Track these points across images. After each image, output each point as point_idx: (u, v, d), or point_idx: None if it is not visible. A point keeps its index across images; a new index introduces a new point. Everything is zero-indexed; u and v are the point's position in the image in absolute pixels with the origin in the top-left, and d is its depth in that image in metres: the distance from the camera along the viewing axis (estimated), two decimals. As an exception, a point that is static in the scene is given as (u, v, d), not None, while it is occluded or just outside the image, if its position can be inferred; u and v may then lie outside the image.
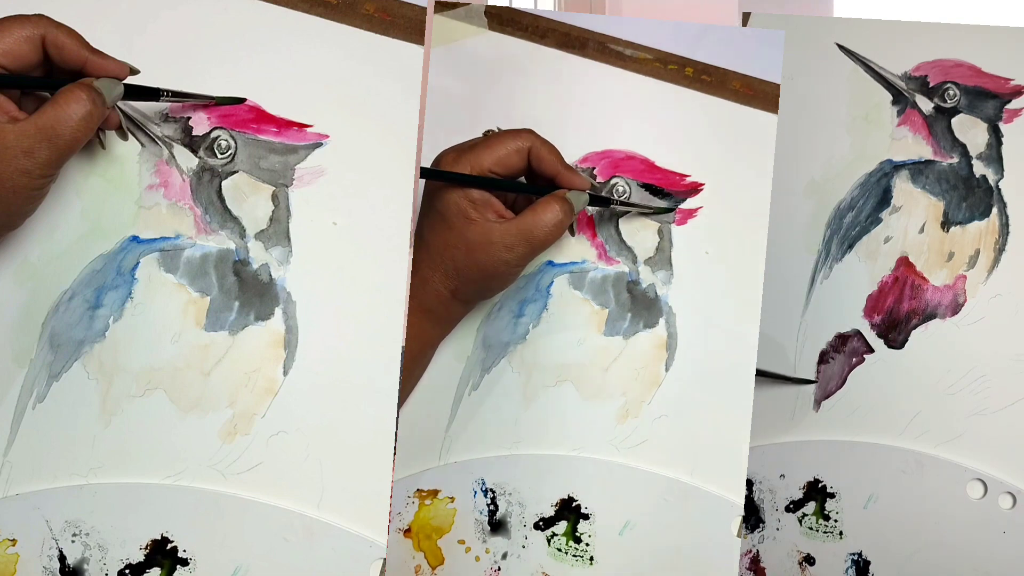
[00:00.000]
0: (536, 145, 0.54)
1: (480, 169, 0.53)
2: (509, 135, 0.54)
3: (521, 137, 0.54)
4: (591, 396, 0.58)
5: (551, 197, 0.53)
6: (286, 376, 0.51)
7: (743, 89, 0.59)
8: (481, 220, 0.52)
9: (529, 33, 0.59)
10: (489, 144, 0.53)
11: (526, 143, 0.53)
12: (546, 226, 0.53)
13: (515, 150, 0.53)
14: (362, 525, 0.51)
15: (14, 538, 0.48)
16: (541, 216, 0.53)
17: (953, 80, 0.66)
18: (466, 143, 0.54)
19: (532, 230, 0.53)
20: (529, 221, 0.53)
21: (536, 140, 0.54)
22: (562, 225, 0.53)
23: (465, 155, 0.53)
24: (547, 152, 0.54)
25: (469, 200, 0.53)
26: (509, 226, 0.52)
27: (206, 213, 0.50)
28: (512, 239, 0.52)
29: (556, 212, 0.53)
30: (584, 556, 0.58)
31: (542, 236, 0.53)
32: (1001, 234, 0.65)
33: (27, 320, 0.49)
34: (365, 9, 0.52)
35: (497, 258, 0.52)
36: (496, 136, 0.54)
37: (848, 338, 0.67)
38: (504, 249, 0.52)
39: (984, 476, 0.64)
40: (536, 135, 0.54)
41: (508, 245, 0.52)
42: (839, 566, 0.67)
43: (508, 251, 0.52)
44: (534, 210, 0.53)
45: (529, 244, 0.53)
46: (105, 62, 0.46)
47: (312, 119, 0.51)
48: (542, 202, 0.53)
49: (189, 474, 0.50)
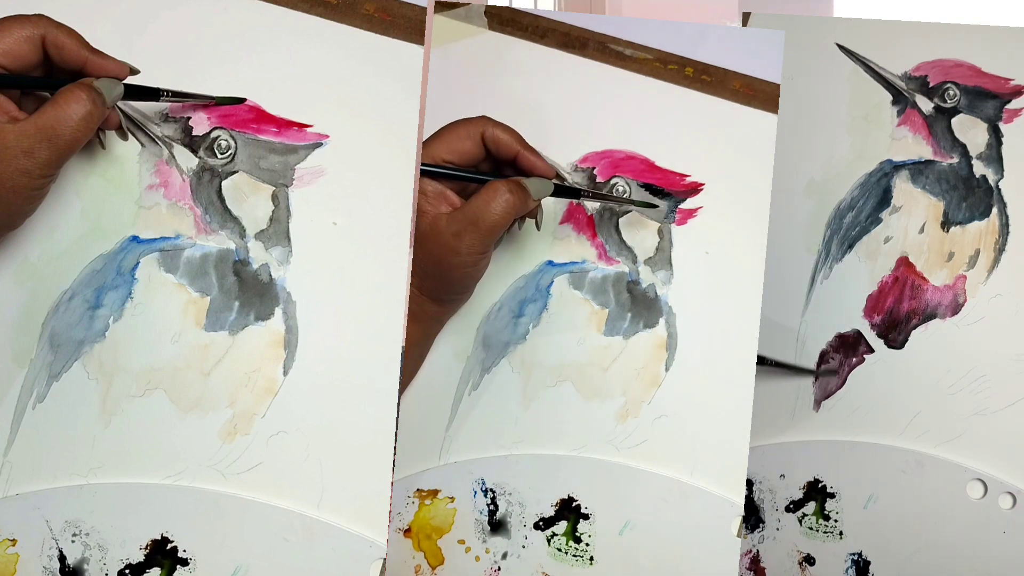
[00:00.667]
0: (490, 128, 0.52)
1: (434, 159, 0.52)
2: (461, 123, 0.52)
3: (473, 123, 0.52)
4: (591, 396, 0.58)
5: (499, 180, 0.51)
6: (286, 376, 0.51)
7: (743, 89, 0.59)
8: (432, 211, 0.51)
9: (529, 33, 0.59)
10: (440, 134, 0.52)
11: (478, 128, 0.52)
12: (492, 209, 0.50)
13: (467, 136, 0.52)
14: (362, 525, 0.51)
15: (14, 538, 0.48)
16: (486, 198, 0.51)
17: (953, 80, 0.66)
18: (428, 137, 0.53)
19: (478, 214, 0.50)
20: (475, 205, 0.51)
21: (489, 124, 0.52)
22: (511, 206, 0.51)
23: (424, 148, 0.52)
24: (503, 133, 0.52)
25: (422, 193, 0.51)
26: (456, 213, 0.51)
27: (206, 213, 0.50)
28: (458, 225, 0.51)
29: (503, 193, 0.51)
30: (584, 556, 0.58)
31: (490, 220, 0.50)
32: (1001, 234, 0.65)
33: (27, 320, 0.49)
34: (365, 9, 0.52)
35: (447, 246, 0.51)
36: (448, 125, 0.53)
37: (848, 338, 0.67)
38: (452, 237, 0.51)
39: (984, 476, 0.64)
40: (490, 119, 0.52)
41: (455, 232, 0.50)
42: (839, 566, 0.67)
43: (456, 239, 0.51)
44: (479, 195, 0.51)
45: (477, 228, 0.50)
46: (105, 62, 0.46)
47: (312, 119, 0.51)
48: (489, 185, 0.51)
49: (189, 474, 0.50)
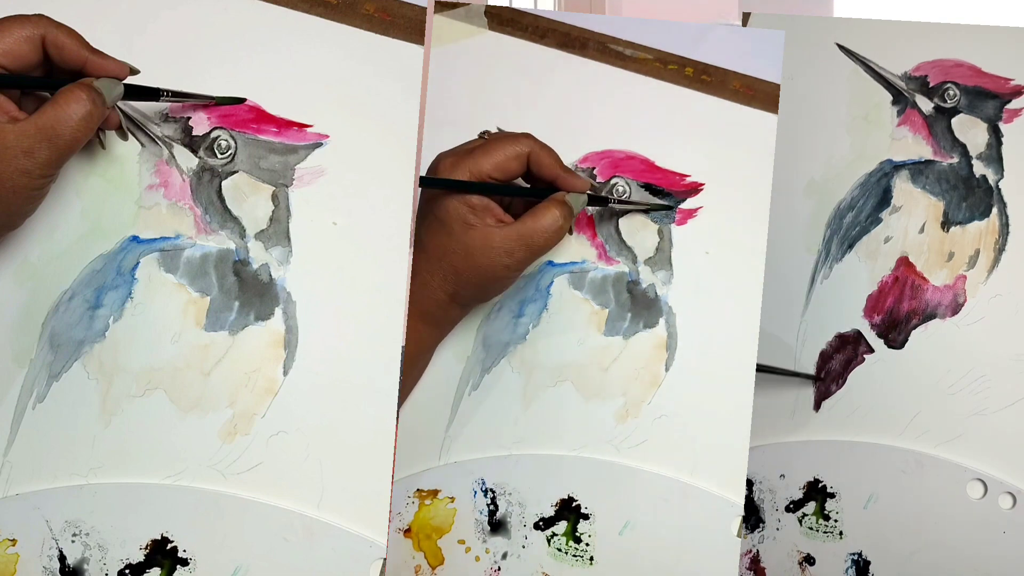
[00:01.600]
0: (535, 150, 0.53)
1: (479, 174, 0.52)
2: (508, 140, 0.53)
3: (520, 142, 0.53)
4: (591, 396, 0.58)
5: (550, 201, 0.53)
6: (286, 376, 0.51)
7: (743, 89, 0.59)
8: (481, 225, 0.52)
9: (529, 33, 0.59)
10: (487, 149, 0.53)
11: (525, 148, 0.53)
12: (546, 231, 0.53)
13: (514, 156, 0.53)
14: (362, 525, 0.51)
15: (14, 538, 0.48)
16: (541, 221, 0.53)
17: (953, 80, 0.66)
18: (463, 147, 0.54)
19: (532, 235, 0.52)
20: (529, 226, 0.52)
21: (535, 144, 0.53)
22: (562, 229, 0.53)
23: (463, 160, 0.52)
24: (546, 156, 0.54)
25: (468, 206, 0.52)
26: (509, 231, 0.52)
27: (206, 213, 0.50)
28: (512, 244, 0.52)
29: (556, 217, 0.53)
30: (584, 556, 0.58)
31: (542, 241, 0.53)
32: (1001, 234, 0.65)
33: (27, 320, 0.49)
34: (365, 9, 0.52)
35: (497, 263, 0.52)
36: (495, 140, 0.54)
37: (848, 338, 0.67)
38: (504, 254, 0.52)
39: (984, 476, 0.64)
40: (535, 139, 0.54)
41: (508, 250, 0.52)
42: (839, 566, 0.67)
43: (508, 256, 0.52)
44: (534, 215, 0.53)
45: (529, 249, 0.53)
46: (105, 62, 0.46)
47: (312, 119, 0.51)
48: (542, 207, 0.53)
49: (189, 474, 0.50)
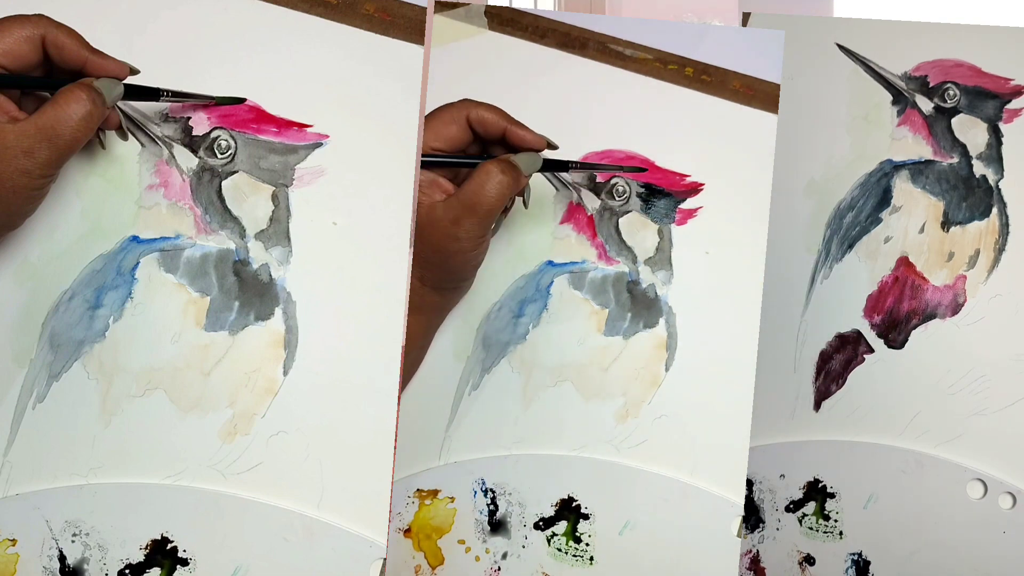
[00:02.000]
0: (473, 109, 0.52)
1: (423, 149, 0.52)
2: (444, 108, 0.52)
3: (456, 107, 0.52)
4: (591, 396, 0.58)
5: (489, 161, 0.51)
6: (286, 376, 0.51)
7: (743, 89, 0.59)
8: (427, 200, 0.51)
9: (529, 33, 0.59)
10: (426, 123, 0.52)
11: (462, 111, 0.52)
12: (487, 190, 0.50)
13: (451, 120, 0.52)
14: (362, 525, 0.51)
15: (14, 538, 0.48)
16: (480, 181, 0.51)
17: (953, 80, 0.66)
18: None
19: (473, 197, 0.50)
20: (469, 189, 0.51)
21: (472, 105, 0.52)
22: (505, 186, 0.51)
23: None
24: (487, 112, 0.52)
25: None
26: (450, 200, 0.51)
27: (206, 213, 0.50)
28: (455, 212, 0.51)
29: (496, 174, 0.50)
30: (584, 556, 0.58)
31: (487, 202, 0.50)
32: (1001, 234, 0.65)
33: (27, 320, 0.49)
34: (365, 9, 0.52)
35: (445, 233, 0.51)
36: (432, 113, 0.53)
37: (848, 338, 0.67)
38: (450, 223, 0.51)
39: (984, 476, 0.64)
40: (471, 101, 0.52)
41: (453, 219, 0.51)
42: (839, 566, 0.67)
43: (455, 225, 0.51)
44: (471, 178, 0.51)
45: (474, 212, 0.51)
46: (105, 62, 0.46)
47: (312, 119, 0.51)
48: (480, 167, 0.51)
49: (189, 474, 0.50)
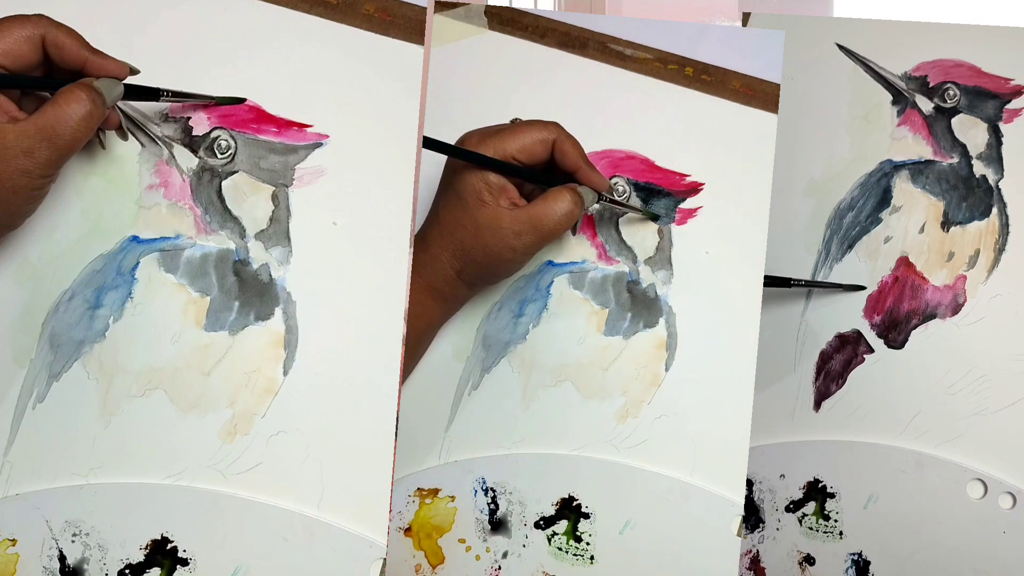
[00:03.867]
0: (561, 138, 0.53)
1: (503, 154, 0.52)
2: (536, 125, 0.54)
3: (548, 128, 0.53)
4: (591, 396, 0.58)
5: (563, 188, 0.53)
6: (286, 376, 0.51)
7: (743, 89, 0.59)
8: (494, 204, 0.52)
9: (529, 33, 0.59)
10: (515, 131, 0.53)
11: (552, 134, 0.53)
12: (556, 216, 0.52)
13: (540, 140, 0.53)
14: (362, 525, 0.51)
15: (14, 538, 0.48)
16: (552, 205, 0.53)
17: (953, 80, 0.66)
18: (493, 127, 0.54)
19: (542, 218, 0.52)
20: (540, 209, 0.52)
21: (562, 133, 0.54)
22: (572, 216, 0.53)
23: (490, 138, 0.53)
24: (571, 146, 0.54)
25: (485, 183, 0.52)
26: (519, 213, 0.52)
27: (206, 213, 0.50)
28: (521, 226, 0.52)
29: (567, 203, 0.53)
30: (584, 555, 0.58)
31: (551, 225, 0.53)
32: (1001, 234, 0.65)
33: (27, 320, 0.49)
34: (365, 9, 0.52)
35: (504, 243, 0.52)
36: (523, 124, 0.54)
37: (848, 338, 0.67)
38: (512, 235, 0.52)
39: (984, 476, 0.64)
40: (562, 128, 0.54)
41: (517, 232, 0.52)
42: (839, 566, 0.67)
43: (516, 238, 0.52)
44: (546, 199, 0.53)
45: (538, 232, 0.52)
46: (105, 62, 0.46)
47: (312, 119, 0.51)
48: (554, 192, 0.53)
49: (189, 474, 0.50)
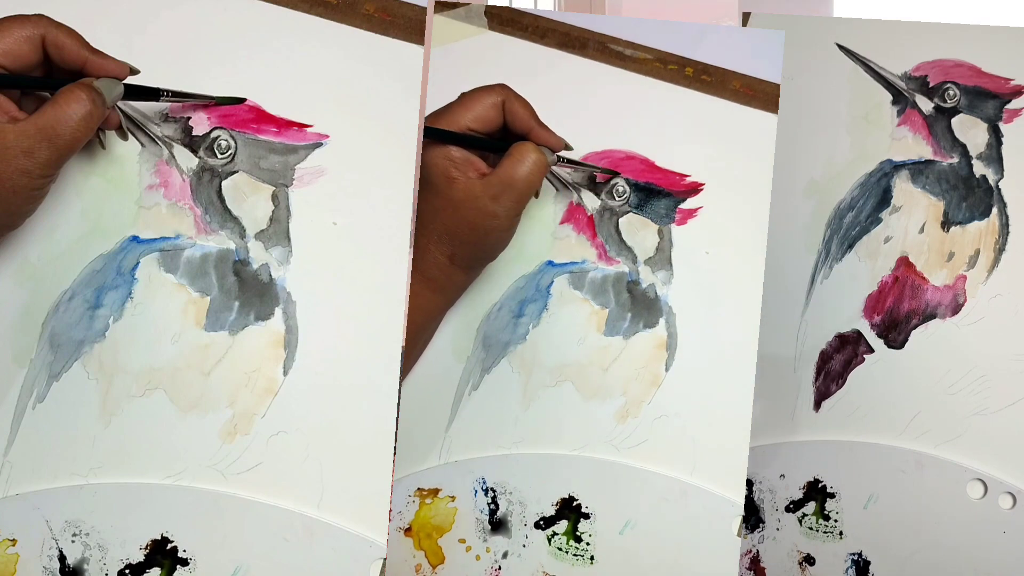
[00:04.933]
0: (510, 99, 0.54)
1: (459, 127, 0.53)
2: (482, 91, 0.54)
3: (495, 91, 0.54)
4: (591, 396, 0.58)
5: (522, 143, 0.53)
6: (286, 376, 0.51)
7: (743, 89, 0.59)
8: (463, 178, 0.52)
9: (529, 33, 0.59)
10: (464, 102, 0.53)
11: (500, 96, 0.53)
12: (526, 169, 0.52)
13: (491, 104, 0.53)
14: (362, 525, 0.51)
15: (14, 538, 0.48)
16: (518, 161, 0.52)
17: (953, 80, 0.66)
18: (443, 107, 0.54)
19: (513, 176, 0.52)
20: (509, 168, 0.52)
21: (510, 94, 0.54)
22: (541, 165, 0.53)
23: (443, 117, 0.53)
24: (520, 107, 0.54)
25: (449, 159, 0.52)
26: (491, 178, 0.52)
27: (206, 213, 0.50)
28: (495, 189, 0.52)
29: (533, 153, 0.53)
30: (584, 555, 0.58)
31: (525, 182, 0.52)
32: (1001, 234, 0.65)
33: (27, 320, 0.49)
34: (365, 9, 0.52)
35: (486, 211, 0.52)
36: (470, 93, 0.54)
37: (848, 338, 0.67)
38: (490, 201, 0.52)
39: (984, 476, 0.64)
40: (510, 89, 0.54)
41: (493, 196, 0.52)
42: (839, 566, 0.67)
43: (494, 202, 0.52)
44: (510, 156, 0.53)
45: (513, 191, 0.52)
46: (105, 62, 0.46)
47: (312, 119, 0.51)
48: (515, 147, 0.53)
49: (189, 474, 0.50)
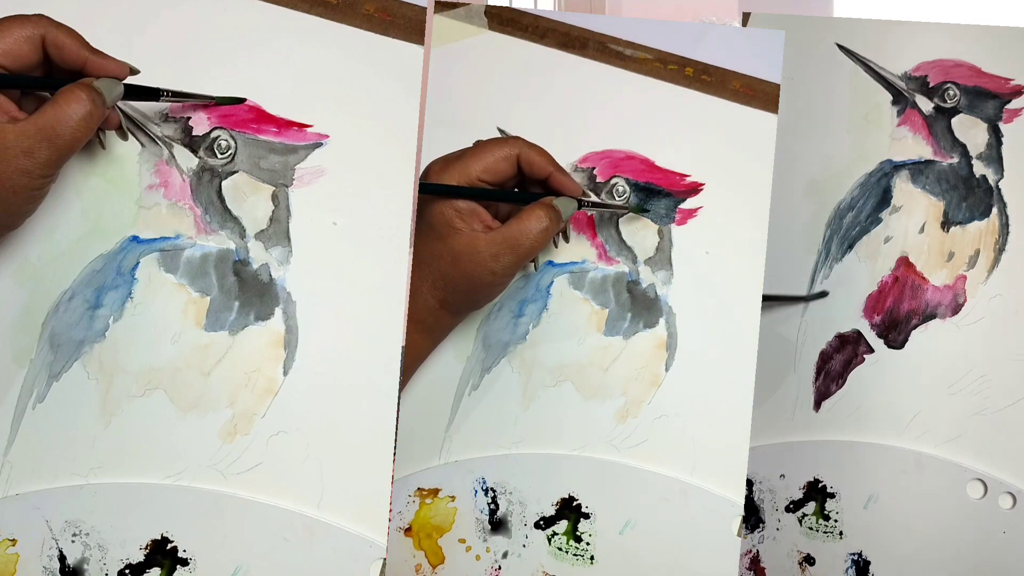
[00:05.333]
0: (525, 150, 0.53)
1: (468, 178, 0.52)
2: (496, 142, 0.53)
3: (508, 144, 0.53)
4: (591, 396, 0.58)
5: (537, 204, 0.53)
6: (286, 376, 0.51)
7: (743, 89, 0.59)
8: (467, 230, 0.52)
9: (529, 33, 0.59)
10: (476, 152, 0.53)
11: (514, 149, 0.53)
12: (531, 234, 0.52)
13: (503, 157, 0.53)
14: (362, 525, 0.51)
15: (14, 538, 0.48)
16: (526, 224, 0.52)
17: (953, 80, 0.66)
18: (455, 152, 0.53)
19: (517, 238, 0.52)
20: (515, 229, 0.52)
21: (524, 145, 0.53)
22: (548, 232, 0.53)
23: (453, 165, 0.52)
24: (537, 155, 0.53)
25: (455, 210, 0.52)
26: (495, 235, 0.52)
27: (206, 213, 0.50)
28: (497, 248, 0.52)
29: (541, 219, 0.52)
30: (584, 555, 0.58)
31: (528, 244, 0.52)
32: (1001, 234, 0.65)
33: (27, 320, 0.49)
34: (365, 9, 0.52)
35: (484, 268, 0.52)
36: (484, 143, 0.53)
37: (848, 338, 0.67)
38: (490, 258, 0.52)
39: (984, 476, 0.64)
40: (524, 141, 0.53)
41: (494, 254, 0.52)
42: (839, 566, 0.67)
43: (494, 260, 0.52)
44: (519, 218, 0.52)
45: (515, 252, 0.52)
46: (105, 62, 0.46)
47: (312, 119, 0.51)
48: (527, 209, 0.53)
49: (189, 474, 0.50)
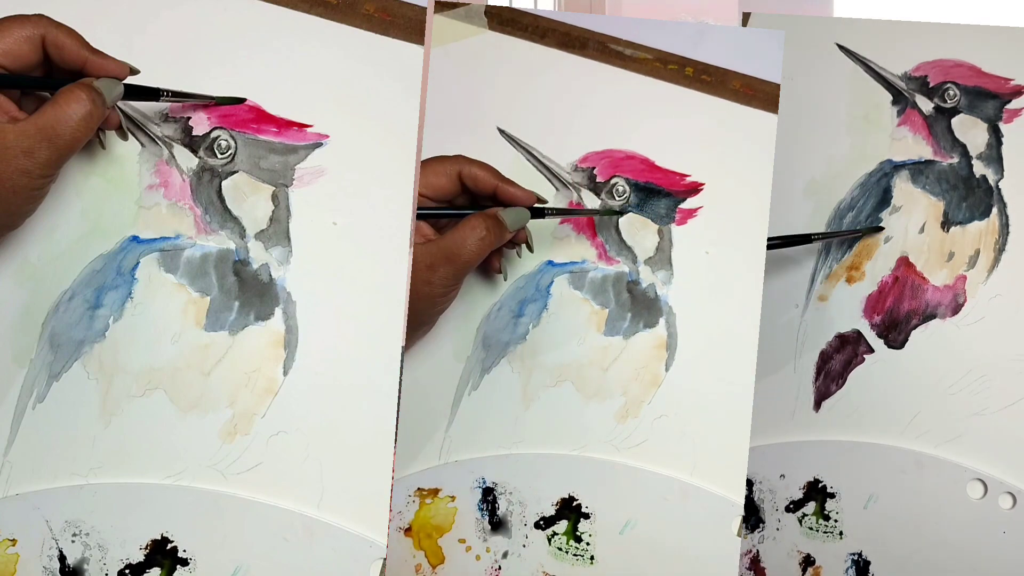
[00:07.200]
0: (466, 166, 0.53)
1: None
2: (437, 160, 0.54)
3: (449, 161, 0.54)
4: (591, 396, 0.58)
5: (476, 215, 0.53)
6: (286, 376, 0.51)
7: (743, 89, 0.59)
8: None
9: (529, 33, 0.59)
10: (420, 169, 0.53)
11: (455, 166, 0.53)
12: (467, 244, 0.52)
13: (443, 173, 0.53)
14: (362, 525, 0.51)
15: (14, 538, 0.48)
16: (462, 234, 0.52)
17: (953, 80, 0.66)
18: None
19: (454, 249, 0.52)
20: (451, 240, 0.52)
21: (465, 162, 0.54)
22: (486, 242, 0.52)
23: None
24: (479, 170, 0.54)
25: None
26: (430, 246, 0.52)
27: (206, 213, 0.50)
28: (433, 259, 0.52)
29: (477, 229, 0.52)
30: (584, 555, 0.58)
31: (466, 256, 0.52)
32: (1001, 234, 0.65)
33: (27, 320, 0.49)
34: (365, 9, 0.52)
35: (419, 278, 0.52)
36: (425, 161, 0.54)
37: (848, 338, 0.67)
38: (426, 269, 0.52)
39: (984, 476, 0.64)
40: (465, 158, 0.54)
41: (429, 265, 0.52)
42: (839, 566, 0.67)
43: (430, 271, 0.52)
44: (457, 229, 0.53)
45: (452, 263, 0.52)
46: (105, 62, 0.46)
47: (312, 119, 0.51)
48: (465, 220, 0.53)
49: (189, 474, 0.50)
